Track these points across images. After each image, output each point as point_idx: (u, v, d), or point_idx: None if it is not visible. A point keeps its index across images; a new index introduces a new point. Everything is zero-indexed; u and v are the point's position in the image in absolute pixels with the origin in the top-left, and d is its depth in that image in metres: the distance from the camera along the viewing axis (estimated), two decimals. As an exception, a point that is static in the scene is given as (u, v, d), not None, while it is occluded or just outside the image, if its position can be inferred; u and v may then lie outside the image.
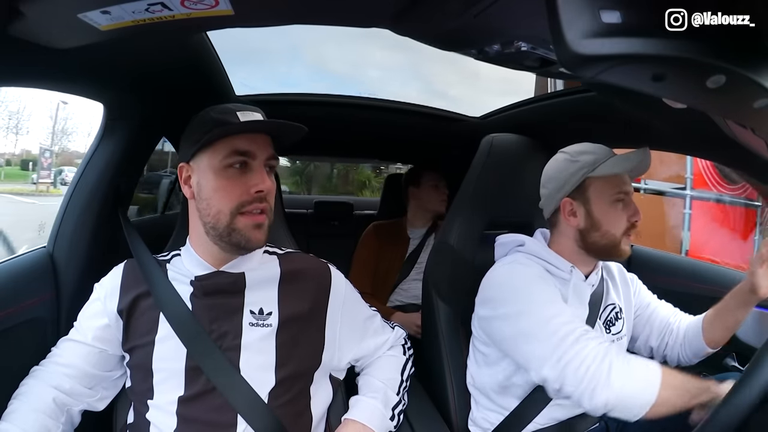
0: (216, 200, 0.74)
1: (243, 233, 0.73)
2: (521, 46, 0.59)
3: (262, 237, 0.75)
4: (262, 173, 0.74)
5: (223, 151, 0.73)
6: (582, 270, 0.93)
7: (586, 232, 0.90)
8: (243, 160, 0.74)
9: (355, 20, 0.64)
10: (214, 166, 0.74)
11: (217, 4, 0.54)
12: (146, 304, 0.77)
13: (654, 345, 1.02)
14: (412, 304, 1.70)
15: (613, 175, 0.88)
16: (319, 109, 1.64)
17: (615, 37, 0.35)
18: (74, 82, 0.88)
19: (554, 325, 0.79)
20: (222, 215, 0.73)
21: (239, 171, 0.74)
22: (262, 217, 0.75)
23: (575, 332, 0.77)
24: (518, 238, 0.96)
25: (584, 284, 0.92)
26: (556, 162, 0.95)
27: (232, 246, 0.75)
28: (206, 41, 0.98)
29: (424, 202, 1.80)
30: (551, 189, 0.94)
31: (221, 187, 0.73)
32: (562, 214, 0.92)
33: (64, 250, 0.97)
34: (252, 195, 0.73)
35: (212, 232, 0.75)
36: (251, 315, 0.77)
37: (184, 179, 0.78)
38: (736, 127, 0.64)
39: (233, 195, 0.73)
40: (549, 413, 0.88)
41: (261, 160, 0.75)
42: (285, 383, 0.76)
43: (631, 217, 0.88)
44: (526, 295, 0.84)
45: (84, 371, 0.77)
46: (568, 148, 0.95)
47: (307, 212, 2.56)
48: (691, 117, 0.78)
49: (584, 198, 0.90)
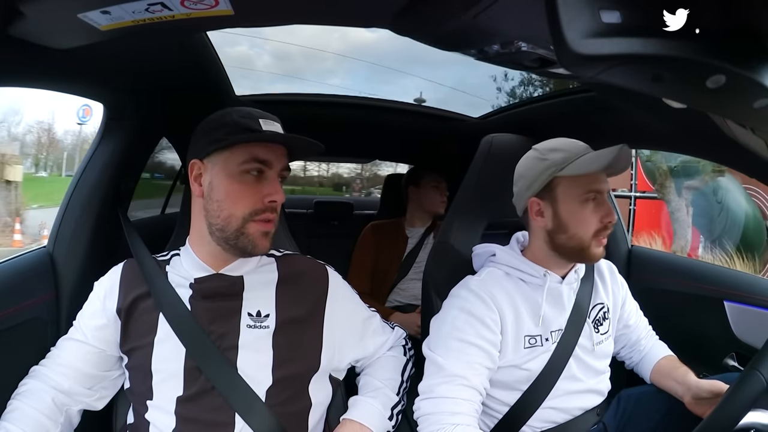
0: (228, 204, 0.74)
1: (251, 239, 0.74)
2: (521, 46, 0.59)
3: (268, 244, 0.76)
4: (276, 183, 0.76)
5: (242, 156, 0.73)
6: (557, 272, 0.90)
7: (553, 233, 0.87)
8: (260, 167, 0.74)
9: (355, 20, 0.64)
10: (231, 169, 0.74)
11: (217, 4, 0.54)
12: (145, 305, 0.77)
13: (619, 353, 1.07)
14: (410, 304, 1.69)
15: (584, 174, 0.83)
16: (319, 109, 1.64)
17: (615, 37, 0.35)
18: (74, 82, 0.88)
19: (436, 390, 0.79)
20: (233, 219, 0.74)
21: (255, 178, 0.74)
22: (270, 225, 0.76)
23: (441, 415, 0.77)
24: (490, 248, 0.95)
25: (561, 286, 0.90)
26: (526, 159, 0.91)
27: (237, 249, 0.76)
28: (206, 41, 0.98)
29: (423, 202, 1.80)
30: (520, 187, 0.91)
31: (235, 191, 0.74)
32: (530, 214, 0.90)
33: (64, 249, 0.97)
34: (265, 204, 0.74)
35: (218, 233, 0.75)
36: (249, 317, 0.78)
37: (195, 176, 0.77)
38: (736, 127, 0.64)
39: (247, 201, 0.73)
40: (546, 416, 0.87)
41: (276, 170, 0.76)
42: (282, 383, 0.76)
43: (604, 218, 0.83)
44: (442, 343, 0.84)
45: (83, 371, 0.77)
46: (540, 144, 0.91)
47: (307, 212, 2.57)
48: (691, 117, 0.78)
49: (552, 197, 0.86)
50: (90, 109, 10.89)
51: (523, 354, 0.86)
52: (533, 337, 0.87)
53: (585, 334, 0.90)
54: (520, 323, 0.86)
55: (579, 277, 0.94)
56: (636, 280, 1.13)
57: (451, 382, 0.79)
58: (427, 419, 0.78)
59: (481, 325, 0.83)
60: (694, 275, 1.23)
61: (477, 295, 0.86)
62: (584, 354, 0.90)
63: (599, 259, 0.87)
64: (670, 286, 1.23)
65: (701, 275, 1.21)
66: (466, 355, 0.81)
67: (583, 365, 0.90)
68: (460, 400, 0.78)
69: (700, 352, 1.13)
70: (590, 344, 0.91)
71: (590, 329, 0.92)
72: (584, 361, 0.90)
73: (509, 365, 0.85)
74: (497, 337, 0.84)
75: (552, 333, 0.88)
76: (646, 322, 1.07)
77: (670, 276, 1.25)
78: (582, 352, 0.90)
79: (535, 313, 0.88)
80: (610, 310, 0.98)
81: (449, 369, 0.80)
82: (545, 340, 0.87)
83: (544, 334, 0.88)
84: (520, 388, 0.87)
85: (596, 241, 0.84)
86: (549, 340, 0.87)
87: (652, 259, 1.38)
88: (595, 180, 0.84)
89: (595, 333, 0.92)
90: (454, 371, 0.79)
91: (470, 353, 0.81)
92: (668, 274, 1.26)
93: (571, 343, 0.88)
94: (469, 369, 0.80)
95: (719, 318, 1.10)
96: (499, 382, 0.86)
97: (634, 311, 1.05)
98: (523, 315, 0.87)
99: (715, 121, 0.67)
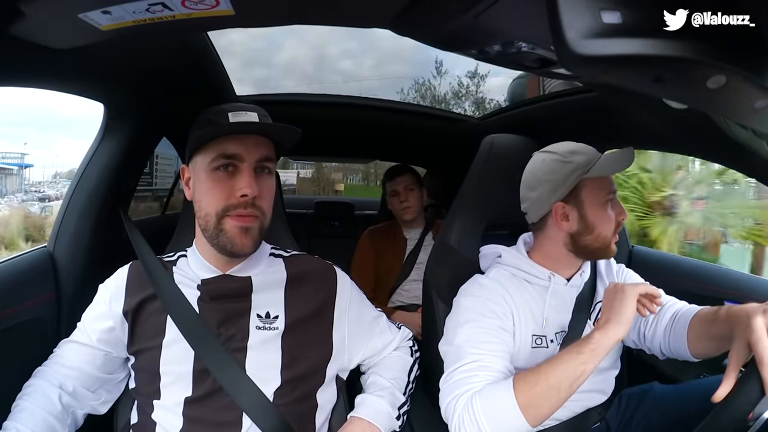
0: (205, 202, 0.74)
1: (229, 236, 0.72)
2: (522, 47, 0.59)
3: (250, 242, 0.73)
4: (249, 177, 0.72)
5: (213, 153, 0.72)
6: (564, 273, 0.91)
7: (578, 236, 0.87)
8: (230, 162, 0.72)
9: (355, 20, 0.64)
10: (205, 167, 0.73)
11: (218, 4, 0.54)
12: (153, 307, 0.77)
13: (634, 338, 0.96)
14: (413, 304, 1.69)
15: (604, 176, 0.85)
16: (319, 109, 1.64)
17: (615, 37, 0.35)
18: (74, 82, 0.88)
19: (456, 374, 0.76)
20: (209, 217, 0.73)
21: (227, 174, 0.73)
22: (246, 220, 0.73)
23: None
24: (497, 249, 0.95)
25: (566, 288, 0.91)
26: (544, 163, 0.90)
27: (221, 249, 0.74)
28: (206, 41, 0.98)
29: (393, 212, 1.77)
30: (541, 192, 0.89)
31: (209, 189, 0.73)
32: (553, 218, 0.89)
33: (65, 249, 0.97)
34: (238, 199, 0.72)
35: (205, 234, 0.75)
36: (258, 318, 0.77)
37: (186, 181, 0.78)
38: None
39: (219, 198, 0.72)
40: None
41: (250, 162, 0.73)
42: (291, 383, 0.76)
43: (619, 216, 0.86)
44: (459, 336, 0.82)
45: (87, 373, 0.77)
46: (553, 147, 0.91)
47: (307, 212, 2.57)
48: (692, 117, 0.78)
49: (577, 200, 0.86)
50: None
51: (529, 354, 0.86)
52: (540, 337, 0.87)
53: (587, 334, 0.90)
54: (527, 322, 0.87)
55: (584, 280, 0.94)
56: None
57: (470, 369, 0.77)
58: (452, 400, 0.74)
59: (495, 316, 0.83)
60: (694, 275, 1.23)
61: (488, 290, 0.87)
62: None
63: (614, 254, 0.89)
64: (671, 286, 1.22)
65: (701, 275, 1.21)
66: (486, 341, 0.80)
67: None
68: (485, 375, 0.75)
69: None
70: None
71: (592, 329, 0.92)
72: None
73: (517, 363, 0.85)
74: (511, 326, 0.85)
75: (556, 335, 0.89)
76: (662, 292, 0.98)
77: (671, 276, 1.25)
78: None
79: (540, 314, 0.88)
80: None
81: (470, 355, 0.78)
82: (550, 342, 0.88)
83: (549, 335, 0.88)
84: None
85: (614, 237, 0.87)
86: (554, 342, 0.88)
87: (653, 259, 1.38)
88: (611, 181, 0.87)
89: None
90: (473, 358, 0.78)
91: (490, 339, 0.80)
92: (668, 274, 1.26)
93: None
94: (490, 351, 0.79)
95: (719, 318, 1.10)
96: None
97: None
98: (529, 315, 0.87)
99: (716, 121, 0.67)
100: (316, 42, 18.27)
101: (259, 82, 19.43)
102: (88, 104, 0.97)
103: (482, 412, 0.70)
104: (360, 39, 20.29)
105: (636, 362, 1.15)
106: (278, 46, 21.43)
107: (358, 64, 21.41)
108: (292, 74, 20.58)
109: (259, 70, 19.03)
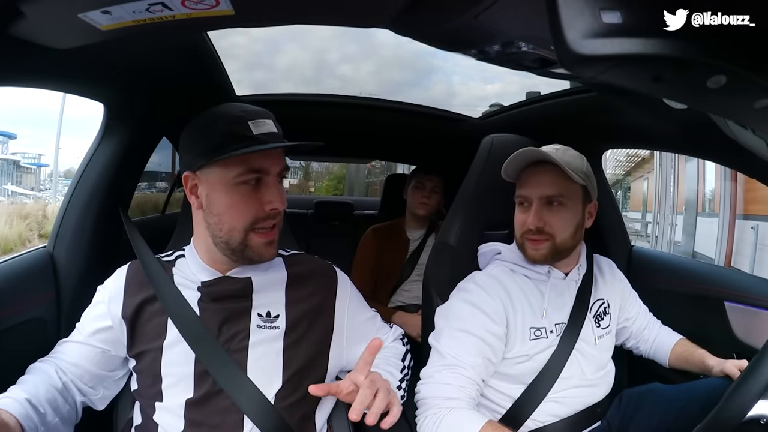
0: (229, 217, 0.72)
1: (256, 250, 0.74)
2: (522, 47, 0.59)
3: (274, 251, 0.76)
4: (277, 189, 0.73)
5: (238, 167, 0.70)
6: (562, 269, 0.95)
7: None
8: (258, 177, 0.72)
9: (356, 20, 0.64)
10: (227, 181, 0.71)
11: (218, 4, 0.54)
12: (152, 309, 0.76)
13: (625, 344, 1.11)
14: (413, 304, 1.69)
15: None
16: (319, 109, 1.64)
17: (615, 37, 0.35)
18: (74, 82, 0.88)
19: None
20: (235, 232, 0.72)
21: (253, 187, 0.72)
22: (274, 233, 0.75)
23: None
24: (496, 247, 0.99)
25: (564, 282, 0.95)
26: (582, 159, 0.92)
27: (245, 259, 0.75)
28: (206, 41, 0.98)
29: (409, 204, 1.78)
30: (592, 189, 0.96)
31: (234, 203, 0.72)
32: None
33: (65, 249, 0.96)
34: (266, 212, 0.72)
35: (224, 245, 0.74)
36: (259, 318, 0.77)
37: (190, 188, 0.75)
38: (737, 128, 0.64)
39: (247, 213, 0.72)
40: (549, 409, 0.89)
41: (274, 174, 0.73)
42: (292, 384, 0.76)
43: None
44: (446, 333, 0.88)
45: (85, 369, 0.76)
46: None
47: (307, 212, 2.56)
48: (692, 117, 0.78)
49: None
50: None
51: (530, 345, 0.89)
52: (538, 329, 0.90)
53: (587, 329, 0.93)
54: (525, 316, 0.90)
55: (581, 275, 0.97)
56: (637, 280, 1.13)
57: (450, 370, 0.82)
58: (424, 402, 0.81)
59: (485, 317, 0.86)
60: (694, 276, 1.23)
61: (483, 288, 0.90)
62: (586, 347, 0.93)
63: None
64: (671, 286, 1.23)
65: (702, 276, 1.21)
66: (468, 345, 0.84)
67: (586, 358, 0.92)
68: (458, 386, 0.81)
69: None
70: (592, 338, 0.94)
71: (591, 324, 0.95)
72: (586, 355, 0.92)
73: (517, 356, 0.88)
74: (502, 329, 0.87)
75: (556, 326, 0.91)
76: (646, 310, 1.10)
77: (671, 276, 1.25)
78: (584, 345, 0.92)
79: (539, 306, 0.91)
80: (610, 305, 1.01)
81: (450, 357, 0.83)
82: (550, 332, 0.90)
83: (548, 326, 0.91)
84: (526, 381, 0.89)
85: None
86: (554, 333, 0.91)
87: (653, 259, 1.38)
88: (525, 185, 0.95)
89: (597, 327, 0.96)
90: (454, 360, 0.83)
91: (472, 343, 0.84)
92: (669, 274, 1.26)
93: (574, 336, 0.91)
94: (469, 358, 0.83)
95: (719, 318, 1.10)
96: (506, 375, 0.89)
97: (634, 302, 1.08)
98: (528, 308, 0.90)
99: (716, 121, 0.67)
100: (317, 47, 18.42)
101: (257, 84, 19.66)
102: (89, 104, 0.96)
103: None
104: (360, 42, 20.43)
105: (636, 362, 1.15)
106: (279, 50, 21.67)
107: (356, 69, 21.55)
108: (291, 77, 20.77)
109: (259, 72, 19.20)
